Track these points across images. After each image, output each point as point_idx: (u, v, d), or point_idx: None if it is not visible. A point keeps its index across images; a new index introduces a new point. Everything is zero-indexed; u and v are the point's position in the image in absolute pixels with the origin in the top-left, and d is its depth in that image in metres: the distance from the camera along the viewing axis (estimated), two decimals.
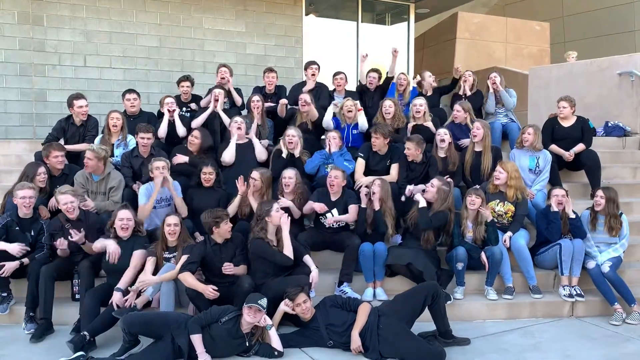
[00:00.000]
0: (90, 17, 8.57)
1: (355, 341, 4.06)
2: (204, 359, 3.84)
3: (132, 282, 4.44)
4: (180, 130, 6.29)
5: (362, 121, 6.36)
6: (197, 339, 3.87)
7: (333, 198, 5.25)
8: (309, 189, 5.49)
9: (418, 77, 7.51)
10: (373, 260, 4.95)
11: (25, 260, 4.61)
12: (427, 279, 4.69)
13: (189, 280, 4.29)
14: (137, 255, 4.55)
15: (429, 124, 6.34)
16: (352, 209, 5.20)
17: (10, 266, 4.53)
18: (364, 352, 4.06)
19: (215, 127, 6.38)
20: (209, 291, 4.24)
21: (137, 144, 5.79)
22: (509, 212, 5.38)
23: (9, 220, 4.71)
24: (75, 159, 5.93)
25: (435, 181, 5.08)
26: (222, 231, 4.52)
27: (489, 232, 5.01)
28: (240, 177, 5.16)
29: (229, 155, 5.80)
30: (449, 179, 5.29)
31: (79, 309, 4.39)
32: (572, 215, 5.19)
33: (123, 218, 4.57)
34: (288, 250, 4.57)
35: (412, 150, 5.66)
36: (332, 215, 5.20)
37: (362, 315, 4.17)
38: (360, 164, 5.81)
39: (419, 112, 6.35)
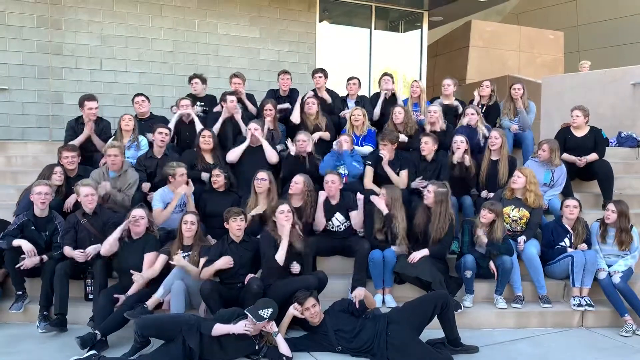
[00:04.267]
0: (107, 21, 8.71)
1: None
2: (237, 326, 3.96)
3: (147, 285, 4.53)
4: (200, 129, 6.33)
5: (360, 150, 6.32)
6: (219, 327, 3.94)
7: (333, 202, 5.29)
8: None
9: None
10: (383, 267, 4.97)
11: (45, 257, 4.71)
12: (435, 288, 4.71)
13: (209, 272, 4.47)
14: (148, 258, 4.62)
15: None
16: (355, 215, 5.24)
17: (30, 262, 4.61)
18: (371, 355, 4.10)
19: (227, 132, 6.43)
20: (225, 262, 4.46)
21: (151, 144, 5.88)
22: (523, 218, 5.40)
23: (25, 220, 4.80)
24: (89, 161, 6.02)
25: (430, 187, 5.10)
26: (231, 228, 4.65)
27: (500, 252, 5.04)
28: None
29: (233, 155, 5.87)
30: (444, 181, 5.31)
31: (92, 309, 4.47)
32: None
33: (135, 215, 4.64)
34: (279, 255, 4.58)
35: (430, 145, 5.80)
36: (338, 221, 5.25)
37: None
38: (369, 171, 5.84)
39: (433, 118, 6.41)
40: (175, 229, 4.89)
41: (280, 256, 4.56)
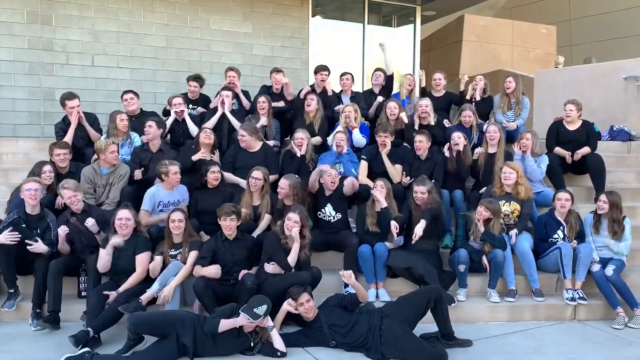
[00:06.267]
0: (98, 16, 8.63)
1: None
2: (241, 319, 3.95)
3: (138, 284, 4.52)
4: (194, 130, 6.30)
5: (358, 138, 6.30)
6: (224, 323, 3.93)
7: (327, 193, 5.36)
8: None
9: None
10: (373, 261, 4.98)
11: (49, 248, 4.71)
12: (428, 281, 4.72)
13: (199, 270, 4.43)
14: (140, 259, 4.58)
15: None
16: (349, 180, 5.34)
17: (41, 247, 4.61)
18: (365, 350, 4.11)
19: (223, 129, 6.39)
20: (215, 272, 4.41)
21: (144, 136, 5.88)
22: (515, 212, 5.42)
23: (16, 218, 4.75)
24: (80, 157, 5.99)
25: (423, 188, 5.10)
26: (222, 226, 4.64)
27: (495, 243, 5.05)
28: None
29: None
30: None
31: (86, 306, 4.44)
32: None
33: (122, 217, 4.57)
34: (291, 258, 4.61)
35: (424, 143, 5.79)
36: (329, 213, 5.32)
37: None
38: (364, 166, 5.85)
39: (425, 112, 6.40)
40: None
41: (292, 259, 4.60)
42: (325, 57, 8.93)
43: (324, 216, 5.36)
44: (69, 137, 6.00)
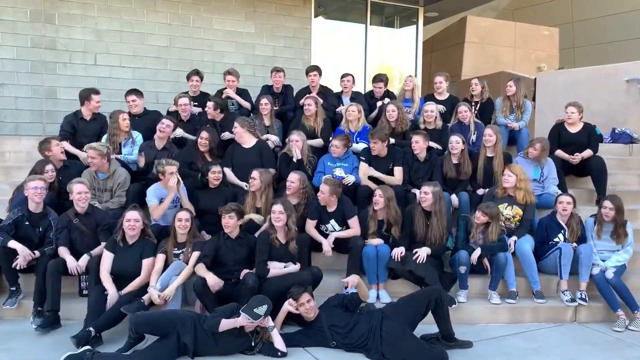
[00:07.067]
0: (101, 16, 8.65)
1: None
2: (242, 319, 3.94)
3: (141, 288, 4.52)
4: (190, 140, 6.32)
5: (356, 146, 6.29)
6: (225, 322, 3.94)
7: (329, 210, 5.24)
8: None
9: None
10: (376, 262, 4.98)
11: (37, 253, 4.66)
12: (429, 283, 4.72)
13: (201, 271, 4.45)
14: (147, 264, 4.59)
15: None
16: (353, 222, 5.21)
17: (24, 260, 4.57)
18: (365, 350, 4.12)
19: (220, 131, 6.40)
20: (215, 284, 4.37)
21: (155, 133, 5.94)
22: (516, 216, 5.43)
23: (19, 216, 4.77)
24: (75, 155, 6.01)
25: (427, 189, 5.10)
26: (223, 223, 4.66)
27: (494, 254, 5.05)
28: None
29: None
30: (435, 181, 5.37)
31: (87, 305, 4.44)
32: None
33: (130, 219, 4.56)
34: (273, 272, 4.60)
35: (421, 143, 5.81)
36: (333, 228, 5.24)
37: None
38: (363, 166, 5.85)
39: (430, 117, 6.41)
40: (169, 225, 4.88)
41: (272, 275, 4.59)
42: (327, 58, 8.98)
43: (327, 230, 5.28)
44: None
